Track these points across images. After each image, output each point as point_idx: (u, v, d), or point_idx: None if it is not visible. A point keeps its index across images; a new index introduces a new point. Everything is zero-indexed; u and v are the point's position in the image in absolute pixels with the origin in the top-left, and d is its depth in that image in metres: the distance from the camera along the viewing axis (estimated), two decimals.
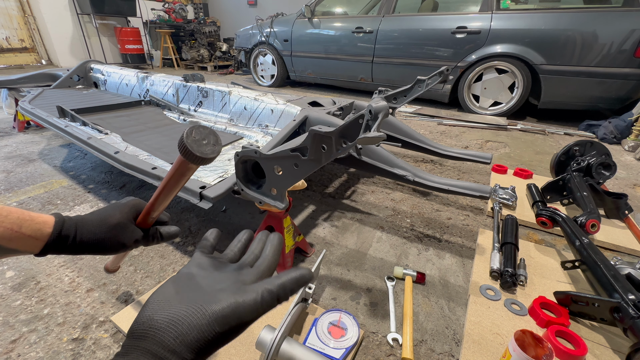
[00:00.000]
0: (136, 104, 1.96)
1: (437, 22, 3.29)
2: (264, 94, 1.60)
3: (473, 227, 1.33)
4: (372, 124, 0.55)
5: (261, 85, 4.95)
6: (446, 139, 2.50)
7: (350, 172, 1.83)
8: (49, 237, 0.38)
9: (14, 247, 0.36)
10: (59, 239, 0.39)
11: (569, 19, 2.69)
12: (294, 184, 0.78)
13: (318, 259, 0.87)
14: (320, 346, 0.76)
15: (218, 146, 0.38)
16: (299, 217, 1.37)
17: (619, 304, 0.77)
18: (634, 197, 1.65)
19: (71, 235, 0.40)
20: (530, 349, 0.64)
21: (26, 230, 0.36)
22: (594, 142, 1.50)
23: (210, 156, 0.36)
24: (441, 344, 0.82)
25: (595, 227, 1.15)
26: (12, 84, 2.30)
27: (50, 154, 1.99)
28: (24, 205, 1.41)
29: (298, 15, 4.26)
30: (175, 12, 7.12)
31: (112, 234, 0.43)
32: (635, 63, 2.51)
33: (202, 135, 0.36)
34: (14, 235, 0.36)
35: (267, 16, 4.76)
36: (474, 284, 0.98)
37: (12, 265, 1.05)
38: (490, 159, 1.47)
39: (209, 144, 0.37)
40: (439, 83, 1.50)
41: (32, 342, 0.79)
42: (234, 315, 0.28)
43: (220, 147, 0.38)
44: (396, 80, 3.69)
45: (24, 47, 5.96)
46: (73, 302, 0.91)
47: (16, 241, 0.36)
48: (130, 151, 1.22)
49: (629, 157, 2.27)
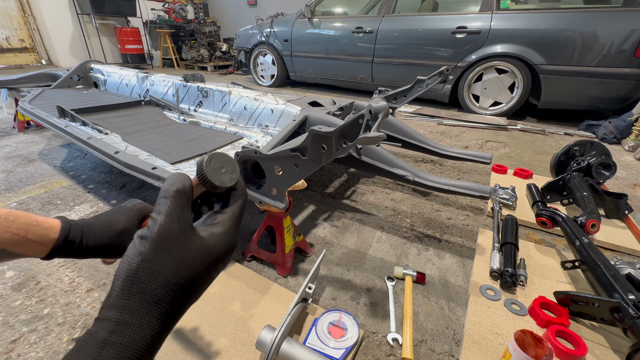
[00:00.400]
0: (136, 104, 1.96)
1: (437, 22, 3.29)
2: (264, 94, 1.60)
3: (473, 227, 1.33)
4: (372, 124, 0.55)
5: (261, 85, 4.95)
6: (446, 139, 2.50)
7: (350, 172, 1.83)
8: (54, 243, 0.38)
9: (20, 252, 0.36)
10: (65, 244, 0.39)
11: (569, 19, 2.69)
12: (294, 184, 0.78)
13: (318, 259, 0.87)
14: (320, 346, 0.76)
15: (235, 174, 0.38)
16: (299, 217, 1.37)
17: (619, 304, 0.77)
18: (634, 197, 1.65)
19: (77, 240, 0.40)
20: (530, 349, 0.64)
21: (32, 235, 0.36)
22: (594, 142, 1.50)
23: (228, 185, 0.37)
24: (441, 344, 0.82)
25: (595, 227, 1.15)
26: (12, 84, 2.30)
27: (50, 154, 1.99)
28: (23, 205, 1.41)
29: (298, 15, 4.26)
30: (175, 12, 7.12)
31: (118, 240, 0.43)
32: (635, 63, 2.51)
33: (220, 164, 0.36)
34: (20, 240, 0.36)
35: (267, 16, 4.76)
36: (474, 284, 0.98)
37: (12, 265, 1.05)
38: (490, 159, 1.47)
39: (227, 172, 0.37)
40: (439, 83, 1.50)
41: (32, 342, 0.79)
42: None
43: (238, 175, 0.38)
44: (396, 80, 3.69)
45: (24, 47, 5.97)
46: (73, 302, 0.91)
47: (22, 246, 0.36)
48: (130, 151, 1.22)
49: (629, 157, 2.27)
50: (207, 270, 0.32)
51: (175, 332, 0.79)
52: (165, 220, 0.30)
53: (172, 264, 0.29)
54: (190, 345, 0.76)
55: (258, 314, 0.85)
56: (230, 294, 0.91)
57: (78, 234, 0.40)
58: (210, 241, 0.32)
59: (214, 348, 0.75)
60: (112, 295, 0.27)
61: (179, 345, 0.76)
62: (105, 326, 0.25)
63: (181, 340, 0.77)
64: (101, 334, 0.25)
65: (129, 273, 0.27)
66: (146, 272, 0.27)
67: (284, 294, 0.92)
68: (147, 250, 0.28)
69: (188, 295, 0.30)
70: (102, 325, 0.25)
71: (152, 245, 0.28)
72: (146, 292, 0.27)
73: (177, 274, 0.29)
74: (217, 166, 0.36)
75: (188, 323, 0.81)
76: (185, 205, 0.32)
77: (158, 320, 0.27)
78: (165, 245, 0.29)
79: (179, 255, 0.29)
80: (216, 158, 0.36)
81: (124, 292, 0.27)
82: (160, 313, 0.27)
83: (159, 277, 0.28)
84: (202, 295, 0.33)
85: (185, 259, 0.30)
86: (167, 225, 0.30)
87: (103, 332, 0.25)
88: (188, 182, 0.34)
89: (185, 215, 0.32)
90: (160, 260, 0.28)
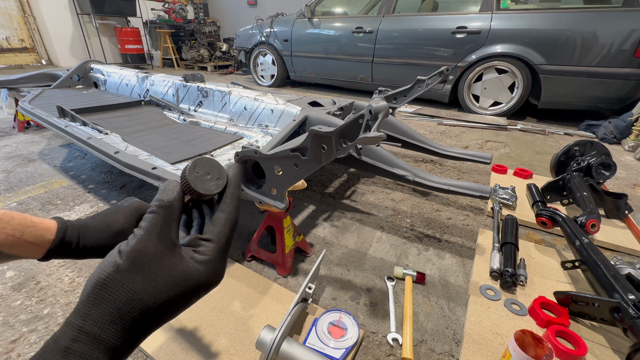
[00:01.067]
0: (136, 104, 1.96)
1: (437, 22, 3.29)
2: (264, 94, 1.60)
3: (473, 227, 1.33)
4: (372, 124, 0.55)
5: (261, 85, 4.95)
6: (446, 139, 2.50)
7: (350, 172, 1.83)
8: (51, 244, 0.38)
9: (16, 253, 0.36)
10: (61, 246, 0.39)
11: (569, 19, 2.69)
12: (294, 184, 0.78)
13: (318, 259, 0.87)
14: (320, 346, 0.76)
15: (222, 180, 0.37)
16: (299, 217, 1.37)
17: (619, 304, 0.77)
18: (634, 197, 1.65)
19: (74, 241, 0.40)
20: (530, 349, 0.64)
21: (28, 237, 0.36)
22: (594, 142, 1.50)
23: (214, 192, 0.35)
24: (441, 344, 0.82)
25: (595, 227, 1.15)
26: (12, 84, 2.30)
27: (50, 154, 1.99)
28: (23, 205, 1.41)
29: (298, 15, 4.26)
30: (175, 12, 7.12)
31: (115, 240, 0.43)
32: (635, 63, 2.51)
33: (205, 169, 0.35)
34: (16, 241, 0.35)
35: (267, 16, 4.76)
36: (474, 284, 0.98)
37: (12, 266, 1.05)
38: (490, 159, 1.47)
39: (212, 179, 0.35)
40: (439, 83, 1.50)
41: (32, 342, 0.79)
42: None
43: (225, 181, 0.37)
44: (396, 80, 3.69)
45: (24, 47, 5.96)
46: (73, 302, 0.91)
47: (18, 247, 0.36)
48: (130, 151, 1.22)
49: (629, 157, 2.27)
50: (182, 295, 0.30)
51: (176, 332, 0.79)
52: (143, 237, 0.29)
53: (143, 281, 0.28)
54: (190, 345, 0.76)
55: (258, 314, 0.85)
56: (230, 294, 0.91)
57: (75, 235, 0.40)
58: (190, 267, 0.31)
59: (214, 348, 0.75)
60: (80, 299, 0.27)
61: (179, 345, 0.76)
62: (69, 332, 0.25)
63: (181, 340, 0.77)
64: (64, 341, 0.25)
65: (98, 282, 0.27)
66: (115, 284, 0.27)
67: (284, 294, 0.92)
68: (121, 263, 0.28)
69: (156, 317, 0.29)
70: (66, 331, 0.25)
71: (127, 259, 0.28)
72: (111, 304, 0.26)
73: (146, 292, 0.28)
74: (201, 173, 0.35)
75: (188, 323, 0.81)
76: (170, 219, 0.31)
77: (121, 334, 0.26)
78: (140, 262, 0.28)
79: (153, 274, 0.28)
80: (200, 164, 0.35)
81: (90, 300, 0.26)
82: (124, 328, 0.26)
83: (126, 292, 0.27)
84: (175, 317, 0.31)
85: (158, 279, 0.29)
86: (145, 241, 0.29)
87: (66, 339, 0.25)
88: (175, 193, 0.33)
89: (168, 232, 0.31)
90: (132, 276, 0.27)
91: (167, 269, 0.29)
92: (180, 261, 0.30)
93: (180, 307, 0.31)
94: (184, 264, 0.31)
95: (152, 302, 0.28)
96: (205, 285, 0.32)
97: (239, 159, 0.83)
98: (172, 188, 0.33)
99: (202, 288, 0.32)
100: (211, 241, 0.34)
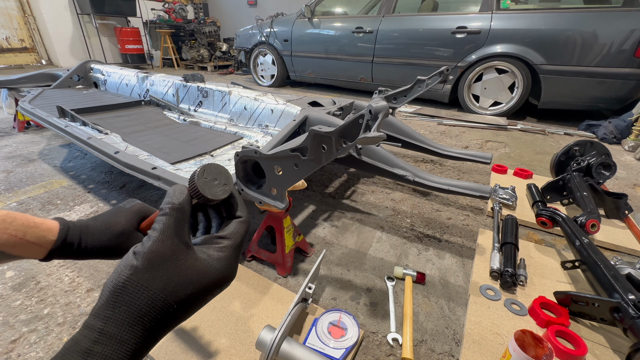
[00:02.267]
0: (136, 104, 1.96)
1: (437, 22, 3.29)
2: (264, 94, 1.60)
3: (473, 227, 1.33)
4: (372, 124, 0.55)
5: (261, 85, 4.95)
6: (446, 139, 2.50)
7: (350, 172, 1.83)
8: (53, 245, 0.38)
9: (18, 253, 0.36)
10: (63, 246, 0.39)
11: (569, 19, 2.69)
12: (294, 184, 0.78)
13: (318, 259, 0.87)
14: (320, 346, 0.76)
15: (229, 185, 0.37)
16: (299, 217, 1.37)
17: (619, 304, 0.77)
18: (634, 197, 1.65)
19: (75, 242, 0.40)
20: (530, 349, 0.64)
21: (30, 237, 0.36)
22: (594, 142, 1.50)
23: (221, 197, 0.36)
24: (441, 344, 0.82)
25: (595, 227, 1.15)
26: (12, 84, 2.30)
27: (50, 154, 1.99)
28: (23, 205, 1.41)
29: (298, 15, 4.26)
30: (175, 12, 7.11)
31: (117, 242, 0.43)
32: (635, 63, 2.51)
33: (213, 175, 0.36)
34: (18, 242, 0.36)
35: (267, 16, 4.75)
36: (474, 284, 0.98)
37: (12, 266, 1.05)
38: (490, 159, 1.47)
39: (220, 185, 0.36)
40: (439, 83, 1.50)
41: (32, 342, 0.79)
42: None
43: (231, 187, 0.38)
44: (396, 80, 3.69)
45: (24, 47, 5.96)
46: (73, 302, 0.91)
47: (20, 248, 0.36)
48: (130, 151, 1.22)
49: (629, 157, 2.27)
50: (199, 293, 0.31)
51: (176, 332, 0.79)
52: (159, 237, 0.30)
53: (162, 281, 0.28)
54: (190, 345, 0.76)
55: (258, 314, 0.85)
56: (230, 294, 0.91)
57: (76, 235, 0.40)
58: (207, 264, 0.32)
59: (214, 348, 0.75)
60: (99, 303, 0.27)
61: (179, 345, 0.76)
62: (89, 335, 0.25)
63: (181, 340, 0.77)
64: (85, 343, 0.25)
65: (117, 285, 0.27)
66: (134, 286, 0.27)
67: (284, 294, 0.92)
68: (139, 265, 0.28)
69: (175, 315, 0.29)
70: (87, 334, 0.25)
71: (144, 260, 0.28)
72: (132, 305, 0.27)
73: (166, 292, 0.28)
74: (209, 178, 0.35)
75: (188, 323, 0.81)
76: (182, 221, 0.32)
77: (141, 334, 0.27)
78: (157, 262, 0.29)
79: (170, 274, 0.29)
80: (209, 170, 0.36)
81: (110, 303, 0.27)
82: (144, 328, 0.27)
83: (146, 293, 0.27)
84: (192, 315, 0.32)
85: (177, 278, 0.29)
86: (160, 242, 0.29)
87: (87, 342, 0.25)
88: (185, 196, 0.34)
89: (181, 233, 0.31)
90: (150, 277, 0.28)
91: (184, 268, 0.30)
92: (196, 260, 0.31)
93: (197, 305, 0.32)
94: (200, 262, 0.31)
95: (171, 300, 0.29)
96: (220, 282, 0.33)
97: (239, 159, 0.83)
98: (181, 191, 0.34)
99: (217, 285, 0.33)
100: (228, 238, 0.35)
